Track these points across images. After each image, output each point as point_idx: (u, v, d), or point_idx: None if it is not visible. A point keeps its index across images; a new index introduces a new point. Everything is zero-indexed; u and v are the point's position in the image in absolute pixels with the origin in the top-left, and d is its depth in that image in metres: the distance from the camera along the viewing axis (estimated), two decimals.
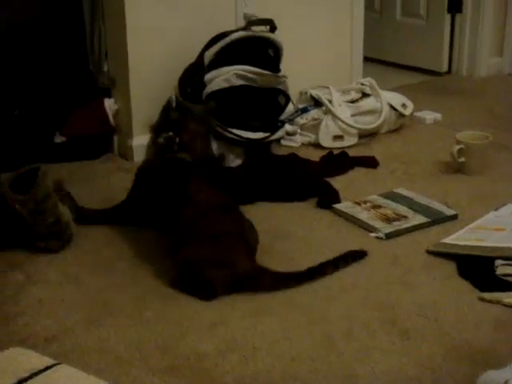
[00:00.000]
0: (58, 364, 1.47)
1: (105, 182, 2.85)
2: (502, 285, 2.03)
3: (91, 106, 3.10)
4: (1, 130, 3.00)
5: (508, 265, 2.07)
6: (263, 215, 2.56)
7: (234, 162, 2.99)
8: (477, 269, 2.12)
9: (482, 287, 2.03)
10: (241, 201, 2.65)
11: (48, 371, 1.47)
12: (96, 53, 3.13)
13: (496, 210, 2.49)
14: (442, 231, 2.37)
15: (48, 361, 1.49)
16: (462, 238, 2.28)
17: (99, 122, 3.09)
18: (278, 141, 3.18)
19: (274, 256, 2.27)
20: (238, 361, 1.75)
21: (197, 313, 1.95)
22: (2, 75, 3.09)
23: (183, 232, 2.07)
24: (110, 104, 3.10)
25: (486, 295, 1.99)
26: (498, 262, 2.09)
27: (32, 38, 3.09)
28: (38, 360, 1.49)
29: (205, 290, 1.99)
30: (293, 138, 3.25)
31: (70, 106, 3.09)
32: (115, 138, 3.16)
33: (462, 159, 2.84)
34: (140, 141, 3.07)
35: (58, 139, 3.06)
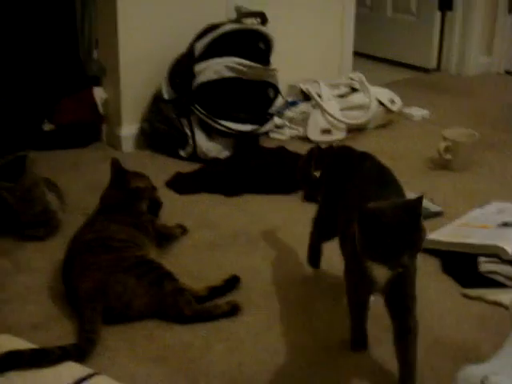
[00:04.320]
0: None
1: (92, 171, 2.85)
2: (485, 282, 2.05)
3: (80, 94, 3.09)
4: None
5: (491, 262, 2.09)
6: (250, 207, 2.58)
7: (223, 153, 2.99)
8: (460, 265, 2.15)
9: (465, 284, 2.06)
10: (229, 192, 2.67)
11: None
12: (86, 41, 3.13)
13: (481, 207, 2.51)
14: (427, 227, 2.36)
15: None
16: (446, 234, 2.30)
17: (88, 110, 3.08)
18: (266, 133, 3.19)
19: (260, 248, 2.28)
20: (224, 351, 1.77)
21: None
22: None
23: None
24: (99, 93, 3.09)
25: (469, 292, 2.01)
26: (481, 259, 2.12)
27: (21, 24, 3.07)
28: None
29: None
30: (281, 131, 3.27)
31: (59, 94, 3.08)
32: (104, 126, 3.16)
33: (449, 156, 2.87)
34: (128, 130, 3.08)
35: (47, 127, 3.05)
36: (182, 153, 3.00)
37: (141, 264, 1.94)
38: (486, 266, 2.09)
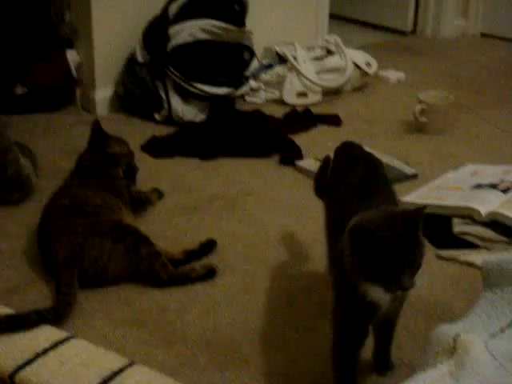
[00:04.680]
0: None
1: (66, 135, 2.82)
2: (459, 243, 2.07)
3: (53, 56, 3.04)
4: None
5: (465, 223, 2.12)
6: (226, 170, 2.57)
7: (198, 116, 2.98)
8: (435, 227, 2.16)
9: (440, 245, 2.08)
10: (204, 156, 2.66)
11: None
12: (58, 2, 3.07)
13: (455, 169, 2.53)
14: (403, 190, 2.40)
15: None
16: (421, 196, 2.32)
17: (61, 73, 3.04)
18: (242, 96, 3.17)
19: (236, 211, 2.28)
20: (200, 314, 1.77)
21: None
22: None
23: None
24: (72, 55, 3.05)
25: (443, 253, 2.03)
26: (455, 221, 2.14)
27: None
28: None
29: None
30: (257, 94, 3.25)
31: (31, 57, 3.03)
32: (77, 90, 3.12)
33: (424, 119, 2.87)
34: (102, 93, 3.05)
35: (19, 90, 3.01)
36: (157, 116, 2.98)
37: (117, 229, 1.93)
38: (459, 227, 2.11)
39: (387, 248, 1.26)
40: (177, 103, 2.93)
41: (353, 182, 1.54)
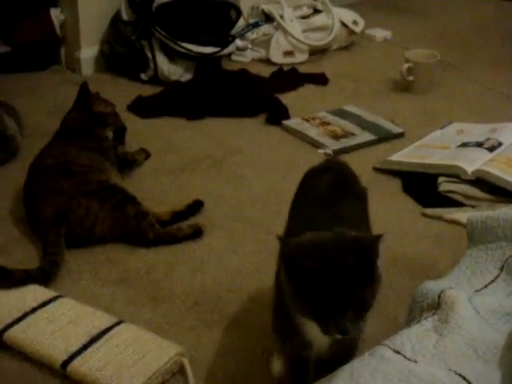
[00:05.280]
0: None
1: (52, 94, 2.80)
2: (445, 201, 2.09)
3: (37, 15, 3.00)
4: None
5: (450, 182, 2.13)
6: (213, 130, 2.56)
7: (184, 76, 2.96)
8: (421, 185, 2.18)
9: (425, 203, 2.09)
10: (191, 115, 2.65)
11: None
12: None
13: (442, 128, 2.53)
14: (389, 149, 2.41)
15: None
16: (407, 155, 2.32)
17: (45, 31, 3.00)
18: (228, 56, 3.15)
19: (223, 171, 2.28)
20: (187, 273, 1.78)
21: None
22: None
23: None
24: (56, 13, 3.01)
25: (429, 211, 2.05)
26: (441, 179, 2.15)
27: None
28: None
29: None
30: (243, 54, 3.23)
31: (14, 15, 2.98)
32: (62, 49, 3.09)
33: (411, 78, 2.87)
34: (88, 53, 3.02)
35: (2, 49, 2.96)
36: (143, 76, 2.96)
37: (103, 188, 1.93)
38: (445, 185, 2.12)
39: (322, 281, 1.04)
40: (163, 62, 2.91)
41: (312, 193, 1.33)
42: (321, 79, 3.01)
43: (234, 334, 1.58)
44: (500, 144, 2.27)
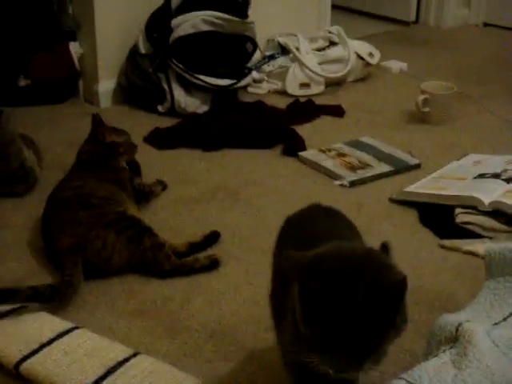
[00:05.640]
0: None
1: (70, 127, 2.83)
2: (462, 232, 2.08)
3: (56, 49, 3.05)
4: None
5: (468, 213, 2.12)
6: (229, 162, 2.57)
7: (201, 108, 2.98)
8: (437, 217, 2.17)
9: (443, 235, 2.08)
10: (207, 147, 2.66)
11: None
12: None
13: (458, 159, 2.53)
14: (405, 180, 2.41)
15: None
16: (424, 186, 2.32)
17: (64, 65, 3.04)
18: (244, 88, 3.17)
19: (239, 203, 2.29)
20: (203, 305, 1.78)
21: None
22: None
23: None
24: (75, 47, 3.05)
25: (446, 242, 2.04)
26: (457, 211, 2.14)
27: None
28: None
29: None
30: (259, 86, 3.25)
31: (34, 49, 3.03)
32: (80, 82, 3.13)
33: (427, 109, 2.87)
34: (106, 86, 3.05)
35: (23, 82, 3.01)
36: (160, 108, 2.98)
37: (120, 220, 1.94)
38: (462, 217, 2.11)
39: (335, 314, 0.96)
40: (179, 95, 2.94)
41: (306, 230, 1.26)
42: (337, 111, 3.02)
43: (250, 366, 1.57)
44: None
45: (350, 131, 2.83)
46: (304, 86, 3.21)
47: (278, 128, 2.77)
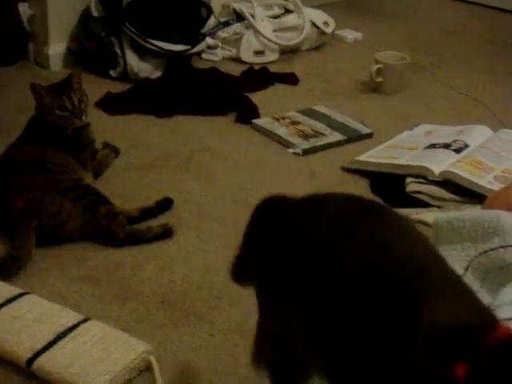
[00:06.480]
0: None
1: (19, 90, 2.76)
2: (412, 202, 2.11)
3: (4, 9, 2.97)
4: None
5: (418, 182, 2.15)
6: (182, 128, 2.56)
7: (154, 73, 2.95)
8: (388, 186, 2.20)
9: (393, 203, 2.10)
10: (160, 113, 2.64)
11: None
12: None
13: (410, 129, 2.56)
14: (358, 149, 2.43)
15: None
16: (375, 155, 2.34)
17: (13, 26, 2.97)
18: (198, 54, 3.14)
19: (192, 169, 2.28)
20: (155, 271, 1.78)
21: None
22: None
23: None
24: (24, 8, 2.97)
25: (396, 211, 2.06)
26: (408, 180, 2.17)
27: None
28: None
29: None
30: (214, 52, 3.22)
31: None
32: (30, 44, 3.06)
33: (380, 79, 2.89)
34: (57, 49, 2.99)
35: None
36: (112, 73, 2.94)
37: (77, 187, 1.92)
38: (413, 186, 2.14)
39: None
40: (132, 59, 2.89)
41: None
42: (291, 79, 3.02)
43: (201, 332, 1.58)
44: (467, 146, 2.30)
45: (303, 99, 2.83)
46: (258, 53, 3.20)
47: (232, 95, 2.76)
